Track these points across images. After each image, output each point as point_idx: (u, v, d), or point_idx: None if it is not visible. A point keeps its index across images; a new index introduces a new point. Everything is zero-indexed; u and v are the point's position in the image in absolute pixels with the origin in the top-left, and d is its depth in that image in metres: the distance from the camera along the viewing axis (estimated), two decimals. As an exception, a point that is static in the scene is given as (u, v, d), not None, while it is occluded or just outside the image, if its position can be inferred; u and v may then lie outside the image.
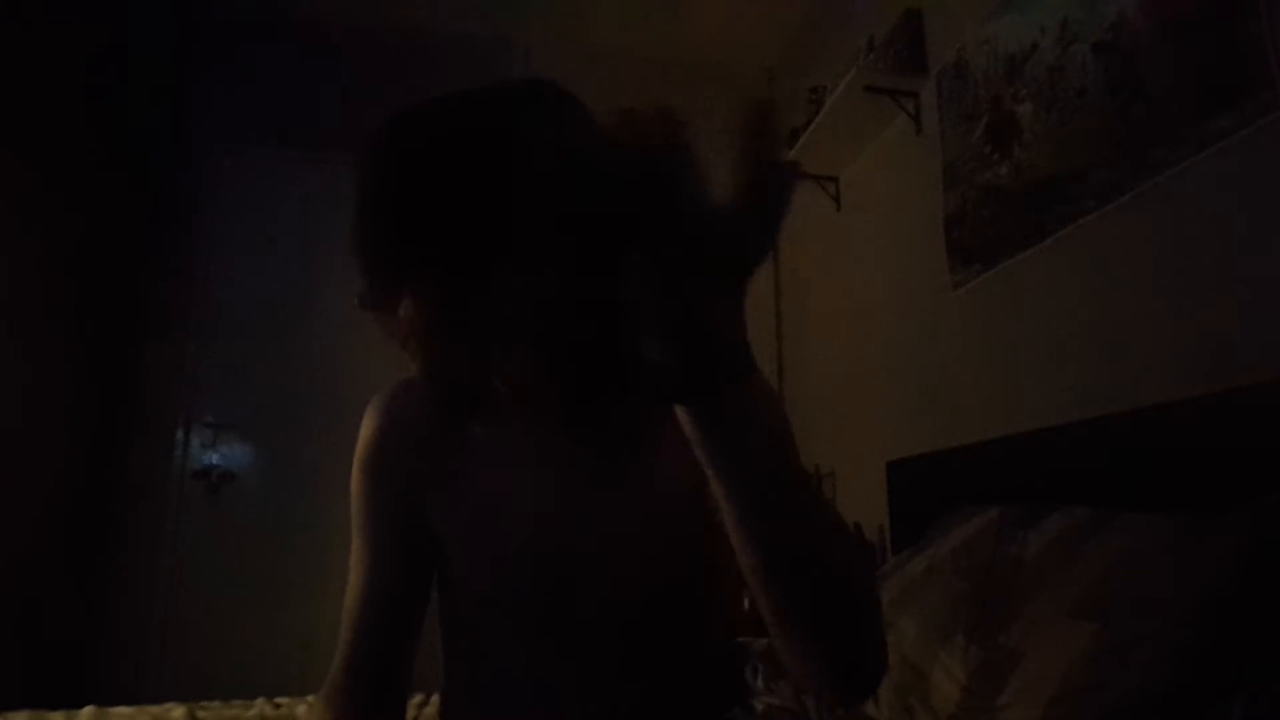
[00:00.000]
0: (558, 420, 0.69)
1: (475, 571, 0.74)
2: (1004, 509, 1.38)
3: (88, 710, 1.30)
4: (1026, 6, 1.73)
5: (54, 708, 1.30)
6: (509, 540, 0.72)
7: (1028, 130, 1.71)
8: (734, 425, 0.45)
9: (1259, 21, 1.18)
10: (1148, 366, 1.39)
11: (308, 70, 3.05)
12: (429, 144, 0.56)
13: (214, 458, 2.79)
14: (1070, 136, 1.58)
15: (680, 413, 0.45)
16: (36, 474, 2.31)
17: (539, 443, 0.72)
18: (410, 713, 1.40)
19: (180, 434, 2.78)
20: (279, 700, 1.42)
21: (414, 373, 0.61)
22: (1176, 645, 0.88)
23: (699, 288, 0.39)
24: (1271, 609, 0.88)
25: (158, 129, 2.91)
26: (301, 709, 1.37)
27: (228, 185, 2.97)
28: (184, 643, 2.62)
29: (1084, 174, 1.54)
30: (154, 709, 1.33)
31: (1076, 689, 0.93)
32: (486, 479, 0.73)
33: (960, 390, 1.96)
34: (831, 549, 0.51)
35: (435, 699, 1.46)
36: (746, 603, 0.91)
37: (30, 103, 2.22)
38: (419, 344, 0.58)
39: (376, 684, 0.75)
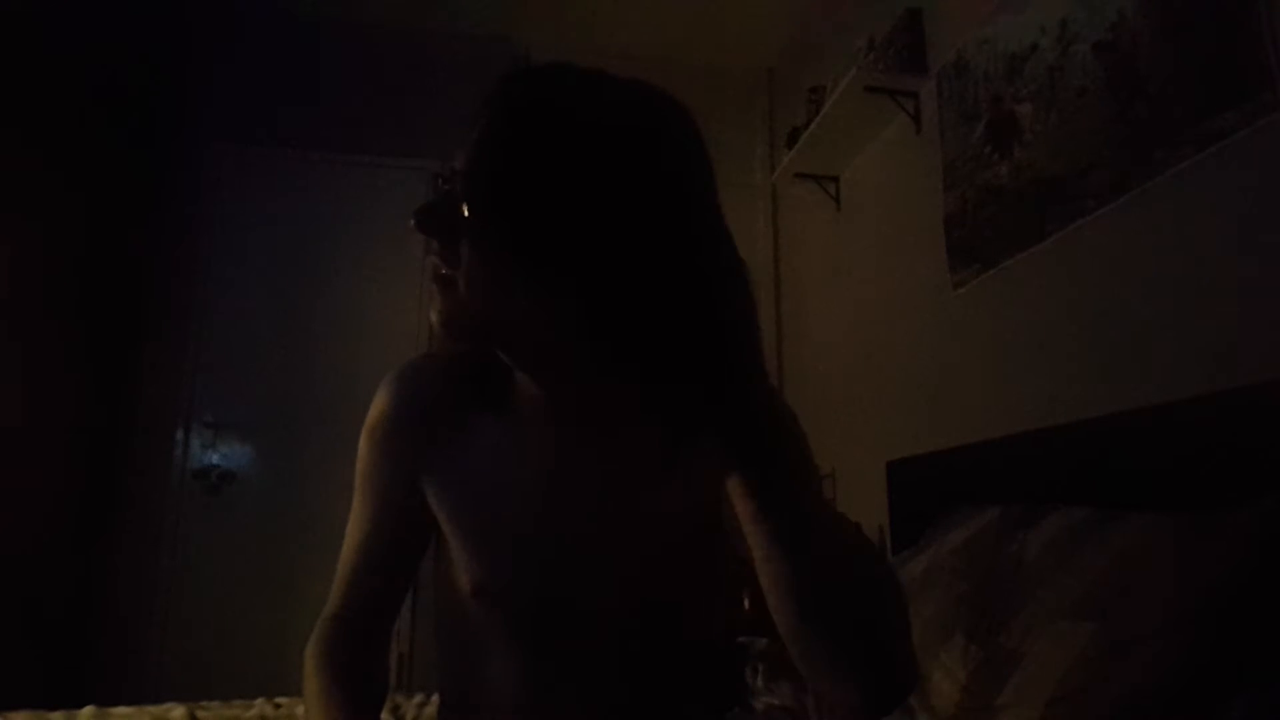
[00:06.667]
0: (594, 417, 0.69)
1: (474, 561, 0.74)
2: (1004, 509, 1.37)
3: (88, 710, 1.30)
4: (1026, 6, 1.73)
5: (54, 708, 1.29)
6: (509, 531, 0.72)
7: (1028, 130, 1.71)
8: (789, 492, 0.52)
9: (1259, 21, 1.18)
10: (1148, 366, 1.38)
11: (308, 69, 3.05)
12: (606, 126, 0.55)
13: (214, 458, 2.79)
14: (1070, 136, 1.58)
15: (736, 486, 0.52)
16: (36, 474, 2.31)
17: (552, 439, 0.72)
18: (411, 712, 1.40)
19: (180, 434, 2.78)
20: (279, 700, 1.42)
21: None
22: (1176, 645, 0.88)
23: None
24: (1272, 609, 0.88)
25: (157, 127, 2.91)
26: (301, 709, 1.37)
27: (228, 184, 2.97)
28: (184, 643, 2.62)
29: (1084, 174, 1.54)
30: (154, 709, 1.33)
31: (1076, 689, 0.94)
32: (494, 468, 0.73)
33: (960, 390, 1.96)
34: (866, 590, 0.55)
35: (436, 699, 1.46)
36: (746, 603, 0.91)
37: (30, 101, 2.22)
38: (473, 294, 0.58)
39: (365, 633, 0.79)
